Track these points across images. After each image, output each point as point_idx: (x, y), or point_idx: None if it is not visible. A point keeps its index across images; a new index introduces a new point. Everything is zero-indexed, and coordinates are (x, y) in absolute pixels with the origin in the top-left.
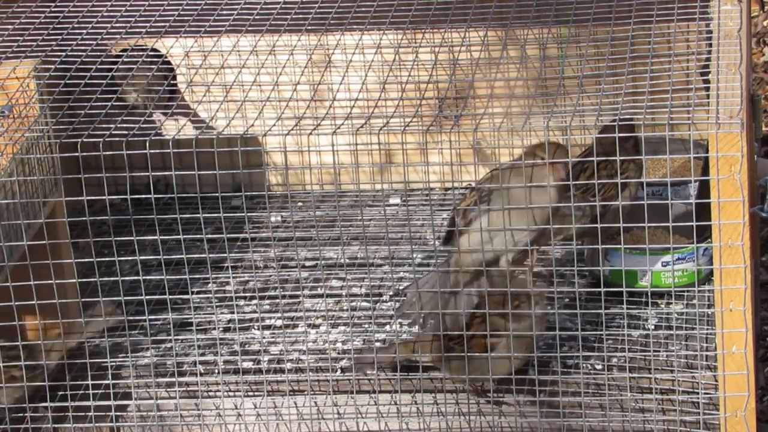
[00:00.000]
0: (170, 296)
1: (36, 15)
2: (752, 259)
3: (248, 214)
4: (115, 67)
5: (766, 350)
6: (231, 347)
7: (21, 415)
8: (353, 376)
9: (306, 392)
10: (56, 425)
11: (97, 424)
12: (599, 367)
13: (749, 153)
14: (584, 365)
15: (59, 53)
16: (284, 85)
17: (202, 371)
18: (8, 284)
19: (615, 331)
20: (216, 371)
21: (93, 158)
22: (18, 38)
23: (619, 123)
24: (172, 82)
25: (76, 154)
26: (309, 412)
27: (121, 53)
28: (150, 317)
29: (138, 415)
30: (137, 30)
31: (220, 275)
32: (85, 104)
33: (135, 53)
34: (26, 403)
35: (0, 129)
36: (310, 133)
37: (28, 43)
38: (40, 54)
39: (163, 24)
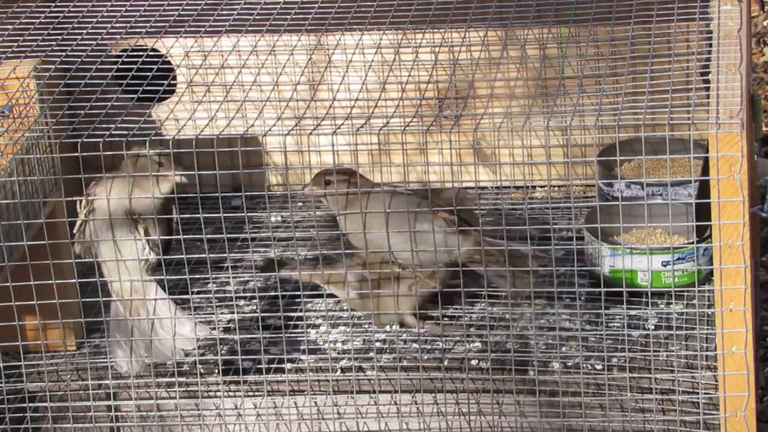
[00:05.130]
0: (170, 296)
1: (36, 15)
2: (752, 259)
3: (248, 214)
4: None
5: (766, 350)
6: (231, 347)
7: (21, 415)
8: (353, 376)
9: (306, 392)
10: (56, 425)
11: (97, 424)
12: (599, 367)
13: (749, 153)
14: (584, 365)
15: (59, 53)
16: (284, 85)
17: (202, 371)
18: (8, 284)
19: (615, 331)
20: (216, 371)
21: (93, 158)
22: (18, 38)
23: None
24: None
25: (76, 154)
26: (309, 412)
27: None
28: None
29: (138, 415)
30: (137, 30)
31: (220, 275)
32: (85, 104)
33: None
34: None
35: (0, 129)
36: (310, 133)
37: (28, 43)
38: (40, 54)
39: (163, 24)
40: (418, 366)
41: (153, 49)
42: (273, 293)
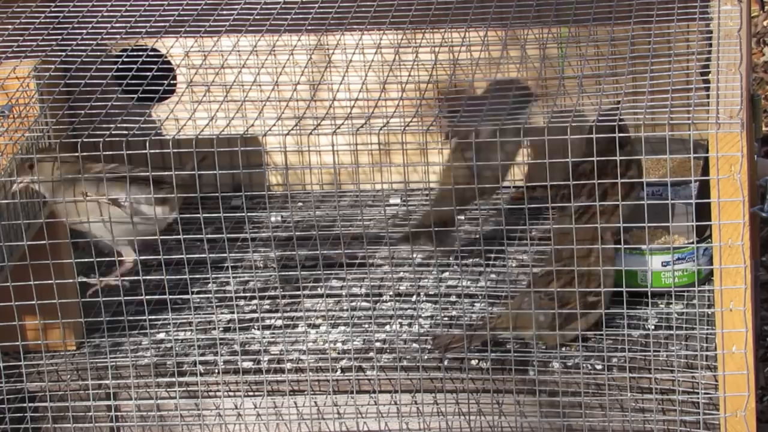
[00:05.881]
0: (170, 296)
1: (36, 15)
2: (752, 259)
3: (248, 214)
4: None
5: (766, 350)
6: (231, 347)
7: (21, 415)
8: (353, 376)
9: (306, 392)
10: (56, 425)
11: (97, 424)
12: (599, 367)
13: (749, 153)
14: (584, 365)
15: (59, 53)
16: (284, 85)
17: (202, 371)
18: (8, 284)
19: (615, 331)
20: (216, 371)
21: (93, 158)
22: (18, 38)
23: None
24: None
25: (76, 154)
26: (309, 412)
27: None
28: (150, 317)
29: (138, 415)
30: (137, 30)
31: (220, 275)
32: (85, 104)
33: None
34: None
35: (0, 129)
36: (310, 133)
37: (28, 43)
38: (40, 54)
39: (163, 24)
40: (418, 366)
41: (153, 49)
42: (273, 293)
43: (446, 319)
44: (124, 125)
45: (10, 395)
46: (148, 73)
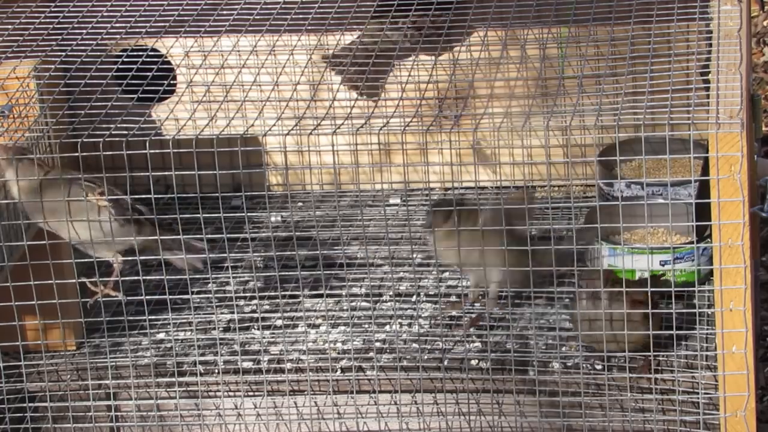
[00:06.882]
0: (170, 296)
1: (36, 15)
2: (752, 259)
3: (248, 214)
4: None
5: (766, 350)
6: (231, 347)
7: (21, 415)
8: (353, 376)
9: (306, 392)
10: (56, 425)
11: (97, 424)
12: (599, 367)
13: (749, 153)
14: (584, 365)
15: (59, 53)
16: (284, 85)
17: (202, 371)
18: (8, 284)
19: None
20: (216, 371)
21: (93, 158)
22: (18, 38)
23: None
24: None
25: (76, 154)
26: (309, 412)
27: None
28: (150, 317)
29: (138, 415)
30: (137, 30)
31: (220, 275)
32: (85, 104)
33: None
34: None
35: (0, 129)
36: (310, 133)
37: (28, 43)
38: (40, 54)
39: (163, 24)
40: (418, 366)
41: (153, 49)
42: (273, 293)
43: (446, 319)
44: (124, 125)
45: (10, 395)
46: (148, 73)
